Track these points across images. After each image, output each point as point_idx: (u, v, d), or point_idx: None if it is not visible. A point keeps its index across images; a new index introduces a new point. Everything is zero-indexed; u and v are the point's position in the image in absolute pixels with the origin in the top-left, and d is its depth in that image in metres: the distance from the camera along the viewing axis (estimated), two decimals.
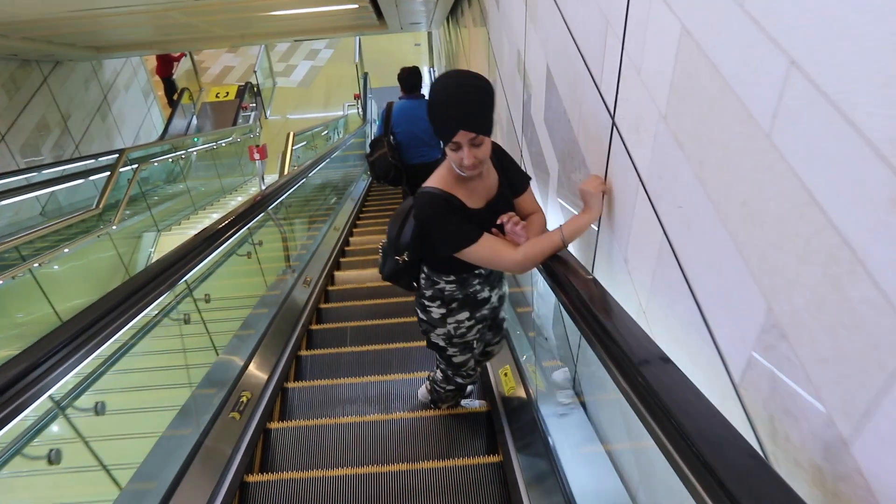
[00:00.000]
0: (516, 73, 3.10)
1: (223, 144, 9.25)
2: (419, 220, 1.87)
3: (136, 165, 6.22)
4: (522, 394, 2.73)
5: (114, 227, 5.68)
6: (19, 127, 7.62)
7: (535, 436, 2.38)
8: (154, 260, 4.10)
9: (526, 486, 2.23)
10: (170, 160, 7.52)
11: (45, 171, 6.94)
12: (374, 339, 3.75)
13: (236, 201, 8.64)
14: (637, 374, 1.12)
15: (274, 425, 2.79)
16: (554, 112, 2.33)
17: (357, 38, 13.03)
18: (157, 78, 12.65)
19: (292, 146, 5.72)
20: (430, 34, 12.97)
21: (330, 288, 4.79)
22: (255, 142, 10.10)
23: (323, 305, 4.36)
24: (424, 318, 2.24)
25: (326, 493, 2.38)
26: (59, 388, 1.55)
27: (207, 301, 3.44)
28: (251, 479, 2.41)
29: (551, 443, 2.25)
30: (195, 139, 9.85)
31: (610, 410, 1.85)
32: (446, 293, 2.12)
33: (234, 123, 11.23)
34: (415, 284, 2.24)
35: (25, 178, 6.79)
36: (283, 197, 4.14)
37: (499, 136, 3.84)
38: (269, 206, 3.81)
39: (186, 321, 3.10)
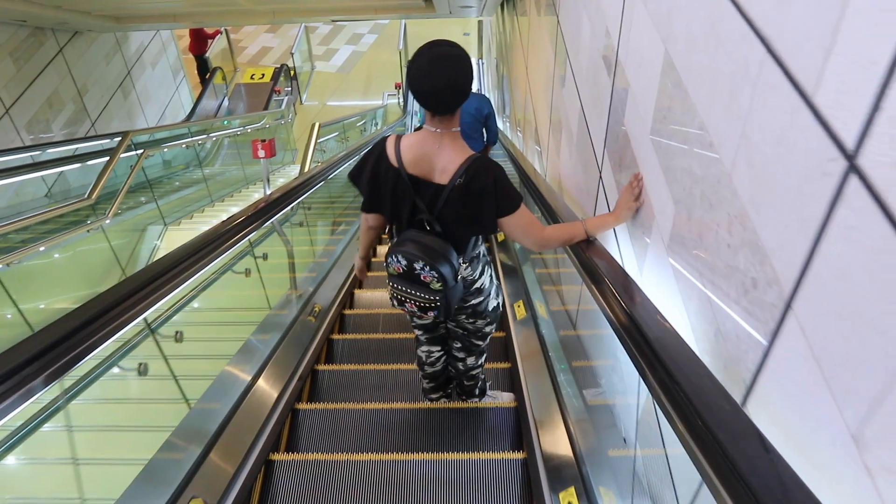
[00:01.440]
0: (601, 63, 2.20)
1: (248, 130, 8.46)
2: (494, 179, 1.82)
3: (140, 151, 5.47)
4: None
5: (107, 221, 4.93)
6: (28, 100, 6.94)
7: None
8: (158, 257, 3.48)
9: (550, 487, 2.15)
10: (185, 145, 6.73)
11: (50, 150, 6.27)
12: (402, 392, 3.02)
13: (259, 193, 7.87)
14: None
15: None
16: (677, 127, 1.44)
17: (402, 22, 12.15)
18: (190, 55, 12.01)
19: (316, 139, 4.88)
20: (480, 23, 12.02)
21: (346, 312, 3.96)
22: (269, 133, 9.20)
23: (335, 336, 3.53)
24: (480, 303, 2.23)
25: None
26: None
27: (179, 340, 2.65)
28: None
29: None
30: (224, 121, 9.12)
31: None
32: (483, 254, 2.20)
33: (266, 108, 10.47)
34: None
35: (31, 155, 6.13)
36: (292, 205, 3.30)
37: (564, 145, 2.95)
38: (271, 220, 2.98)
39: (141, 373, 2.32)
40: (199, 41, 11.76)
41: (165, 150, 6.10)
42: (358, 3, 7.35)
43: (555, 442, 2.37)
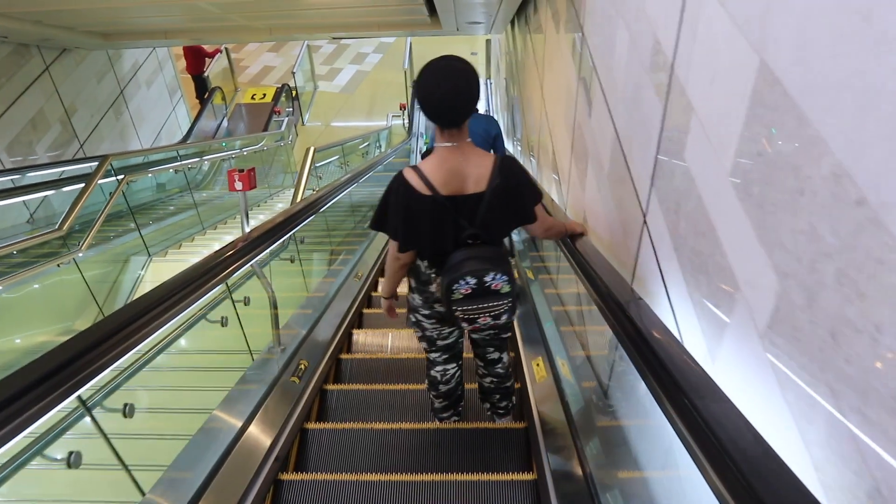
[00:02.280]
0: (645, 81, 1.75)
1: (244, 153, 8.06)
2: (522, 171, 2.02)
3: (121, 177, 5.06)
4: None
5: (80, 255, 4.51)
6: (9, 120, 6.55)
7: None
8: (143, 291, 3.00)
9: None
10: (175, 170, 6.30)
11: (31, 174, 5.86)
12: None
13: (257, 219, 7.43)
14: None
15: None
16: (785, 169, 1.00)
17: (408, 41, 11.81)
18: (188, 75, 11.69)
19: (311, 166, 4.45)
20: (488, 42, 11.67)
21: (343, 356, 3.51)
22: (268, 157, 8.75)
23: (329, 386, 3.06)
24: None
25: None
26: None
27: (128, 416, 2.21)
28: None
29: None
30: (223, 143, 8.75)
31: None
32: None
33: (266, 129, 10.10)
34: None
35: (11, 179, 5.73)
36: (276, 244, 2.86)
37: (592, 177, 2.52)
38: (250, 263, 2.53)
39: (71, 465, 1.83)
40: (197, 60, 11.42)
41: (150, 174, 5.67)
42: (360, 20, 6.96)
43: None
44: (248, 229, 2.75)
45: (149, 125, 9.53)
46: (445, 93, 1.74)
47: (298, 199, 4.15)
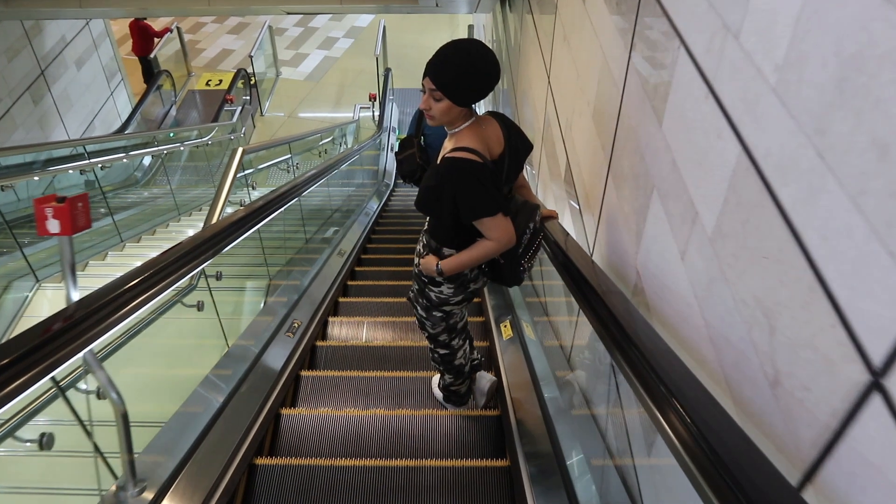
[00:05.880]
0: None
1: (182, 147, 6.82)
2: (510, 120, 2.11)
3: None
4: None
5: None
6: None
7: None
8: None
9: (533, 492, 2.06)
10: (81, 170, 5.05)
11: None
12: None
13: (196, 227, 6.21)
14: None
15: None
16: None
17: (381, 25, 10.61)
18: (135, 57, 10.37)
19: (234, 176, 3.30)
20: (470, 27, 10.53)
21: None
22: (218, 151, 7.50)
23: None
24: None
25: None
26: None
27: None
28: None
29: None
30: (159, 135, 7.48)
31: None
32: None
33: (216, 119, 8.86)
34: None
35: None
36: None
37: (660, 217, 1.45)
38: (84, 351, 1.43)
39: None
40: (145, 40, 10.11)
41: (36, 178, 4.45)
42: None
43: None
44: (73, 295, 1.62)
45: (78, 112, 8.23)
46: (499, 71, 1.81)
47: (214, 219, 3.00)
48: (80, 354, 1.44)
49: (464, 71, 1.74)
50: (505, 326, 3.34)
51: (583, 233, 2.35)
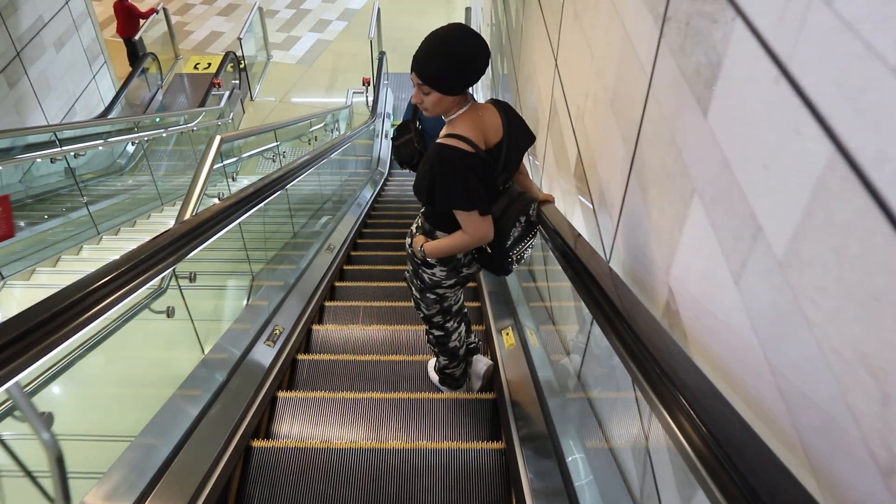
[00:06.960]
0: None
1: (164, 134, 6.51)
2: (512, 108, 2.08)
3: None
4: None
5: None
6: None
7: None
8: None
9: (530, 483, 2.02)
10: (52, 158, 4.74)
11: None
12: None
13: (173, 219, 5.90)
14: None
15: None
16: None
17: (375, 6, 10.25)
18: (120, 39, 9.99)
19: (210, 167, 3.01)
20: (468, 10, 10.17)
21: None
22: (203, 135, 7.16)
23: None
24: None
25: None
26: None
27: None
28: None
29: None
30: (133, 123, 7.13)
31: None
32: None
33: (203, 104, 8.52)
34: None
35: None
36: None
37: (704, 227, 1.18)
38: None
39: None
40: (130, 22, 9.72)
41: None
42: None
43: None
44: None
45: (59, 96, 7.88)
46: (486, 52, 1.77)
47: (187, 215, 2.72)
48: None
49: (446, 61, 1.74)
50: (507, 334, 3.09)
51: (597, 235, 2.07)
